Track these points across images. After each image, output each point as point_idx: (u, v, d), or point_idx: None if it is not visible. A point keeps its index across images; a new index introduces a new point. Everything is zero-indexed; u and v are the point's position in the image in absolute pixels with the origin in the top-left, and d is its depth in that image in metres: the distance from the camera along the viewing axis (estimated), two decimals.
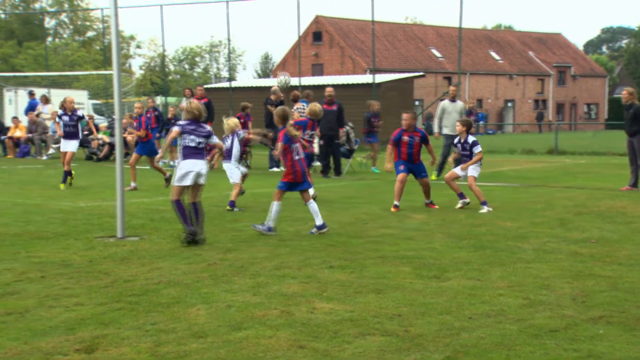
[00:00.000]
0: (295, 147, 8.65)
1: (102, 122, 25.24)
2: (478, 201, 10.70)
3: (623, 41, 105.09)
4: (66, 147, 13.66)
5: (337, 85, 29.57)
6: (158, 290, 5.80)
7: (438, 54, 60.38)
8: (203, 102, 19.50)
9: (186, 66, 69.19)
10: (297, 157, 8.64)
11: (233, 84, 32.95)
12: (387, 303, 5.42)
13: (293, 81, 31.07)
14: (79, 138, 14.11)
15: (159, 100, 34.75)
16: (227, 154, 11.04)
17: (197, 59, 69.12)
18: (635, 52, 78.72)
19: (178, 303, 5.41)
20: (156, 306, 5.32)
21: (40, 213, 10.13)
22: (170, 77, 63.73)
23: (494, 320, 5.00)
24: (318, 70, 54.64)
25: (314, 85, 30.30)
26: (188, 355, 4.29)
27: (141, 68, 67.92)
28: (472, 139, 11.09)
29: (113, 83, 8.44)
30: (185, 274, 6.35)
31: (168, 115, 20.18)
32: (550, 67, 66.33)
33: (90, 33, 64.93)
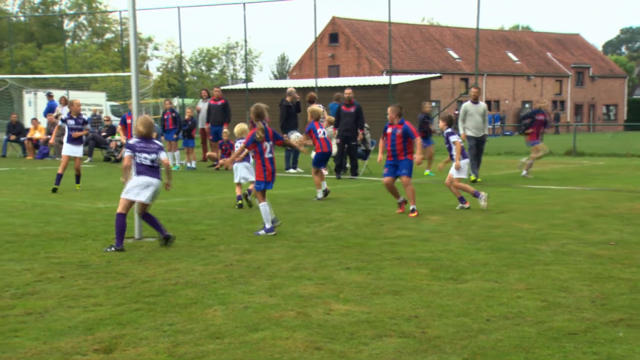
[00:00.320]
0: (265, 146, 8.73)
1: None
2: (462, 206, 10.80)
3: None
4: (75, 153, 13.37)
5: (354, 86, 29.56)
6: (175, 291, 5.82)
7: (455, 55, 60.18)
8: (220, 104, 19.62)
9: (203, 68, 69.50)
10: (269, 156, 8.76)
11: (250, 86, 33.04)
12: (404, 304, 5.41)
13: (309, 82, 31.13)
14: (83, 142, 14.08)
15: (176, 101, 34.91)
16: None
17: (214, 61, 69.42)
18: None
19: (195, 304, 5.43)
20: (174, 307, 5.35)
21: (59, 214, 10.21)
22: (187, 79, 64.04)
23: (512, 322, 4.97)
24: (334, 71, 54.65)
25: (331, 86, 30.32)
26: (205, 356, 4.31)
27: (158, 70, 68.35)
28: (448, 131, 11.11)
29: (131, 85, 8.50)
30: (202, 275, 6.38)
31: (185, 116, 20.26)
32: (568, 68, 65.87)
33: (108, 35, 65.45)
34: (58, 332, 4.74)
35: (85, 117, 14.00)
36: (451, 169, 11.05)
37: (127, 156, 7.79)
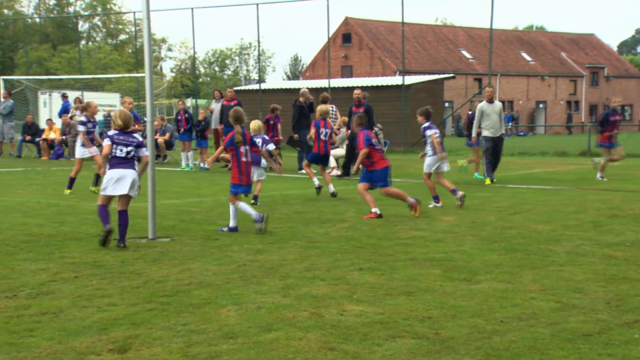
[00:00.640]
0: (242, 150, 8.79)
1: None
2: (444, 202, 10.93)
3: None
4: (94, 152, 13.30)
5: (367, 87, 29.55)
6: (189, 291, 5.84)
7: (468, 55, 59.99)
8: (233, 104, 19.67)
9: (216, 68, 69.73)
10: (245, 160, 8.82)
11: (262, 86, 33.11)
12: (418, 305, 5.39)
13: (322, 83, 31.12)
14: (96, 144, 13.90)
15: (189, 102, 35.04)
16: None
17: (227, 61, 69.63)
18: None
19: (209, 304, 5.44)
20: (187, 307, 5.36)
21: (74, 214, 10.28)
22: (200, 80, 64.26)
23: (526, 323, 4.95)
24: (347, 72, 54.63)
25: (344, 87, 30.31)
26: (219, 356, 4.32)
27: (172, 70, 68.67)
28: (425, 125, 11.22)
29: (145, 85, 8.53)
30: (215, 275, 6.40)
31: (198, 117, 20.32)
32: (583, 68, 65.47)
33: (122, 36, 65.84)
34: (73, 332, 4.77)
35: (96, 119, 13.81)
36: (425, 164, 11.27)
37: (107, 145, 7.89)
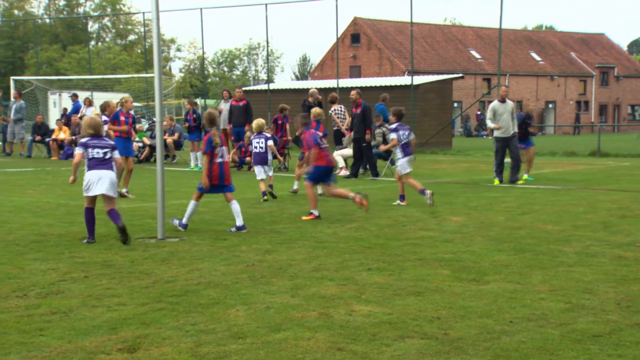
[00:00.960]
0: (219, 151, 8.85)
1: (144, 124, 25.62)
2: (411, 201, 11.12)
3: None
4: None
5: (375, 87, 29.51)
6: (198, 291, 5.86)
7: (477, 55, 59.83)
8: (242, 104, 19.70)
9: (225, 69, 69.85)
10: (220, 160, 8.86)
11: (271, 86, 33.13)
12: (426, 306, 5.39)
13: (331, 83, 31.11)
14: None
15: (198, 102, 35.07)
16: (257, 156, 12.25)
17: (236, 62, 69.73)
18: None
19: (217, 304, 5.46)
20: (196, 307, 5.38)
21: (83, 214, 10.29)
22: (209, 80, 64.36)
23: (536, 324, 4.93)
24: (356, 72, 54.60)
25: (352, 87, 30.27)
26: (228, 356, 4.32)
27: (181, 71, 68.83)
28: (392, 127, 11.52)
29: (154, 86, 8.56)
30: (224, 275, 6.41)
31: None
32: (592, 68, 65.18)
33: (131, 37, 66.05)
34: (82, 331, 4.79)
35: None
36: (398, 165, 11.51)
37: (78, 153, 8.08)
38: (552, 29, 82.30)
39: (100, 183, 7.96)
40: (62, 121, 24.82)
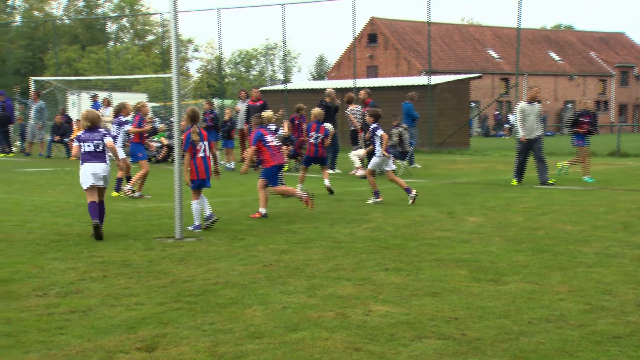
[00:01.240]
0: (201, 146, 9.13)
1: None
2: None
3: None
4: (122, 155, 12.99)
5: (392, 87, 29.43)
6: (215, 290, 5.88)
7: (495, 55, 59.52)
8: (259, 104, 19.72)
9: (242, 69, 69.99)
10: (202, 155, 9.14)
11: (288, 86, 33.16)
12: (444, 306, 5.37)
13: (348, 83, 31.09)
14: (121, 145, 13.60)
15: (216, 102, 35.19)
16: None
17: (253, 62, 69.85)
18: None
19: (235, 304, 5.47)
20: (214, 306, 5.40)
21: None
22: (226, 80, 64.56)
23: (554, 325, 4.90)
24: (373, 72, 54.52)
25: (369, 87, 30.23)
26: (245, 355, 4.34)
27: (198, 71, 69.06)
28: (374, 126, 11.81)
29: (172, 86, 8.60)
30: (241, 275, 6.42)
31: (224, 117, 20.42)
32: (612, 68, 64.58)
33: (149, 37, 66.40)
34: (101, 330, 4.82)
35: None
36: (371, 162, 11.81)
37: (75, 146, 8.49)
38: (571, 28, 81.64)
39: (95, 176, 8.35)
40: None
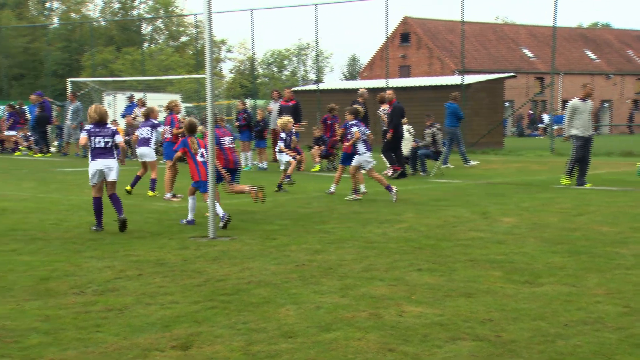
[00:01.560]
0: (200, 152, 9.38)
1: None
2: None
3: None
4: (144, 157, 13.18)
5: (425, 86, 29.26)
6: (249, 290, 5.91)
7: (530, 54, 58.81)
8: (291, 104, 19.79)
9: (274, 69, 70.27)
10: (202, 160, 9.33)
11: (320, 86, 33.19)
12: (478, 307, 5.32)
13: (380, 83, 31.00)
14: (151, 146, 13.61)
15: (248, 102, 35.38)
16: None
17: (285, 62, 70.08)
18: None
19: (268, 303, 5.50)
20: (247, 306, 5.43)
21: (137, 213, 10.51)
22: (259, 80, 64.85)
23: (592, 328, 4.83)
24: (405, 71, 54.27)
25: (402, 87, 30.12)
26: (279, 355, 4.35)
27: (231, 71, 69.52)
28: (352, 122, 12.09)
29: (206, 86, 8.66)
30: (274, 275, 6.45)
31: (257, 117, 20.52)
32: None
33: (183, 38, 67.02)
34: (137, 328, 4.88)
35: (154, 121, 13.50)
36: (355, 159, 11.93)
37: (84, 137, 8.82)
38: (608, 27, 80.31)
39: (106, 171, 8.72)
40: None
